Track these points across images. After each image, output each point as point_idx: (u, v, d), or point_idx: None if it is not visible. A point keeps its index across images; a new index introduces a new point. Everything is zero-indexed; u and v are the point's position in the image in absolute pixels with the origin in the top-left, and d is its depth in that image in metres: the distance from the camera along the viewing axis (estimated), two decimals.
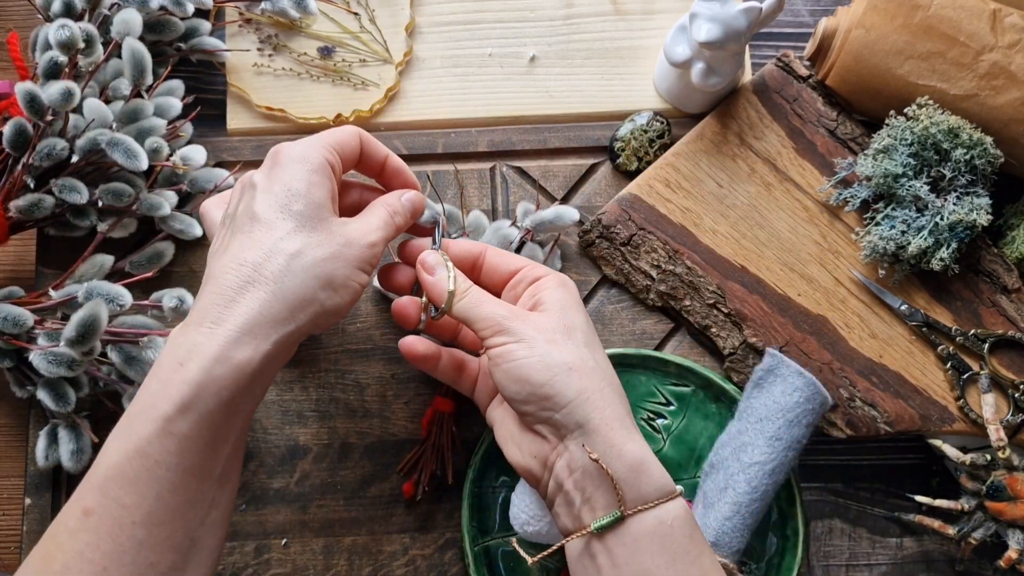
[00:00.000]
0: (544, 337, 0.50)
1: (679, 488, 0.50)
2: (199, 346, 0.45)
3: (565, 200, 0.75)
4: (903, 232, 0.69)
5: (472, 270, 0.59)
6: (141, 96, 0.71)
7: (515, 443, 0.54)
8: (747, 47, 0.77)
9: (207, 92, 0.77)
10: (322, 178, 0.50)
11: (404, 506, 0.70)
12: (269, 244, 0.47)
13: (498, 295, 0.57)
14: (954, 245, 0.68)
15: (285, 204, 0.49)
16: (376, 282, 0.65)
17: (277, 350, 0.47)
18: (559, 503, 0.52)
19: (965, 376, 0.69)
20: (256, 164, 0.75)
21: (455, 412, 0.70)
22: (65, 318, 0.65)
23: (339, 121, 0.76)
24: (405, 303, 0.59)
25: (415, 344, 0.59)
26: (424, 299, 0.58)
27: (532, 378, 0.49)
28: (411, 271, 0.60)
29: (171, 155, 0.70)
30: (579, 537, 0.50)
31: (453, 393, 0.70)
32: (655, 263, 0.72)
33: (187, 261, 0.73)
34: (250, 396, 0.47)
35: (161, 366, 0.45)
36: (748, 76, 0.77)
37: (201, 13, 0.75)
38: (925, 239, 0.68)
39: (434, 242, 0.60)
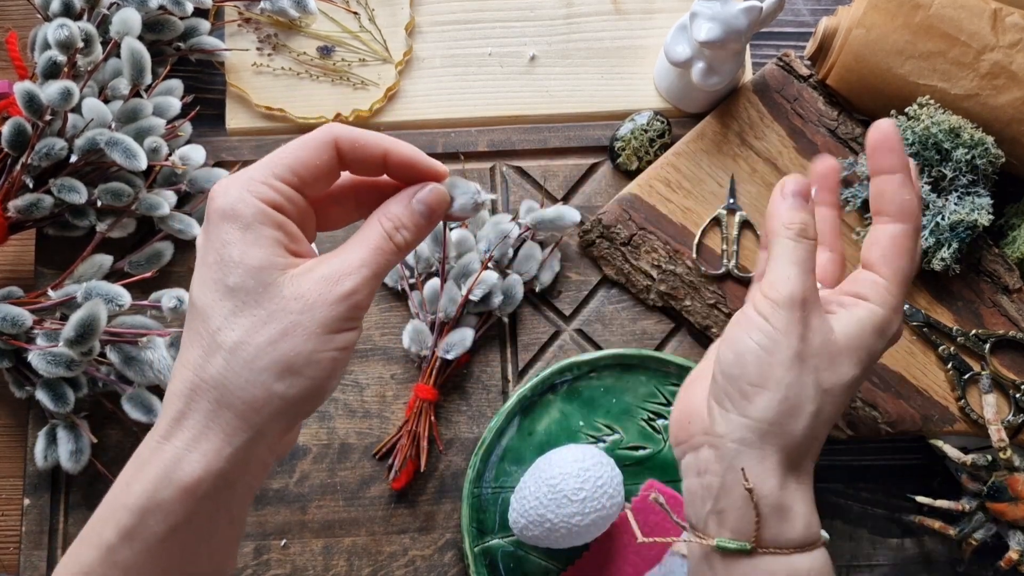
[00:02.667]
0: (798, 349, 0.44)
1: (823, 536, 0.46)
2: (145, 464, 0.39)
3: (565, 200, 0.75)
4: None
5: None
6: (140, 95, 0.71)
7: (688, 386, 0.51)
8: (747, 46, 0.77)
9: (206, 92, 0.77)
10: (260, 232, 0.39)
11: (404, 507, 0.70)
12: (207, 338, 0.39)
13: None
14: (955, 245, 0.68)
15: (219, 279, 0.39)
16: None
17: (234, 467, 0.39)
18: (688, 487, 0.48)
19: (966, 376, 0.69)
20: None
21: (437, 402, 0.70)
22: (64, 318, 0.65)
23: (338, 121, 0.76)
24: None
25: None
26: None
27: (748, 370, 0.44)
28: None
29: (170, 155, 0.70)
30: (698, 543, 0.46)
31: (438, 384, 0.70)
32: (655, 263, 0.72)
33: (186, 261, 0.73)
34: (210, 520, 0.39)
35: (117, 480, 0.40)
36: (748, 76, 0.77)
37: (200, 12, 0.75)
38: (926, 239, 0.68)
39: None
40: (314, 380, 0.39)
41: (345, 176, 0.44)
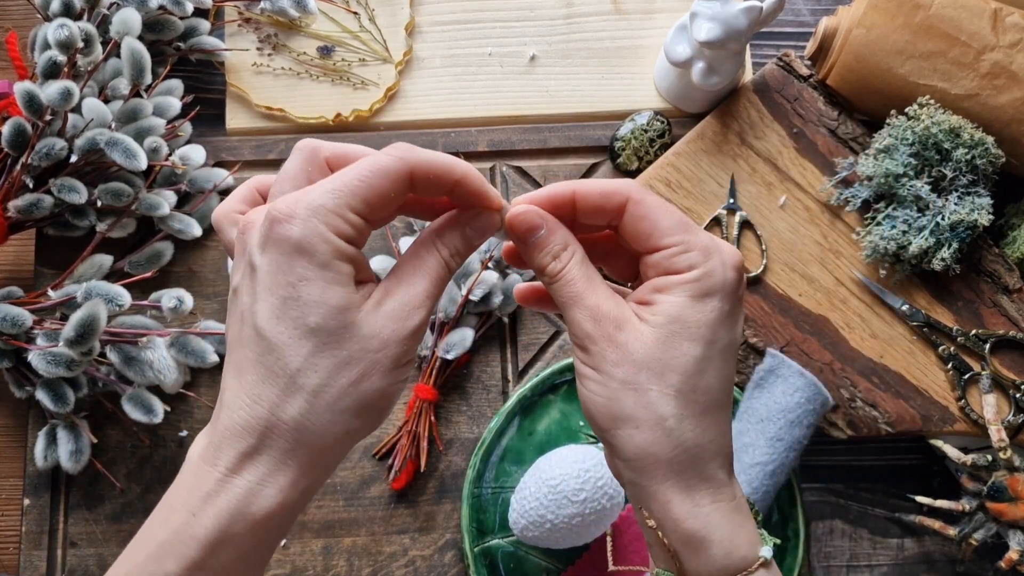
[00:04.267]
0: (623, 374, 0.40)
1: (761, 555, 0.41)
2: (214, 497, 0.38)
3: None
4: (904, 232, 0.69)
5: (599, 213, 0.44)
6: (140, 95, 0.71)
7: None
8: (748, 46, 0.77)
9: (206, 91, 0.77)
10: (338, 268, 0.38)
11: (404, 507, 0.70)
12: (284, 378, 0.38)
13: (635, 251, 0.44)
14: (955, 245, 0.68)
15: (297, 317, 0.37)
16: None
17: (304, 496, 0.40)
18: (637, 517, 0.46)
19: (966, 376, 0.69)
20: (255, 164, 0.75)
21: (437, 402, 0.70)
22: (64, 318, 0.65)
23: (338, 121, 0.76)
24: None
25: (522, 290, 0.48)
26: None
27: (595, 419, 0.41)
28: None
29: (170, 155, 0.70)
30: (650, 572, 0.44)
31: (438, 384, 0.70)
32: None
33: (186, 261, 0.73)
34: (271, 546, 0.40)
35: (173, 509, 0.39)
36: (749, 75, 0.77)
37: (200, 12, 0.75)
38: (926, 239, 0.68)
39: None
40: (383, 412, 0.40)
41: None
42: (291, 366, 0.38)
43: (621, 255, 0.45)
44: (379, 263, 0.72)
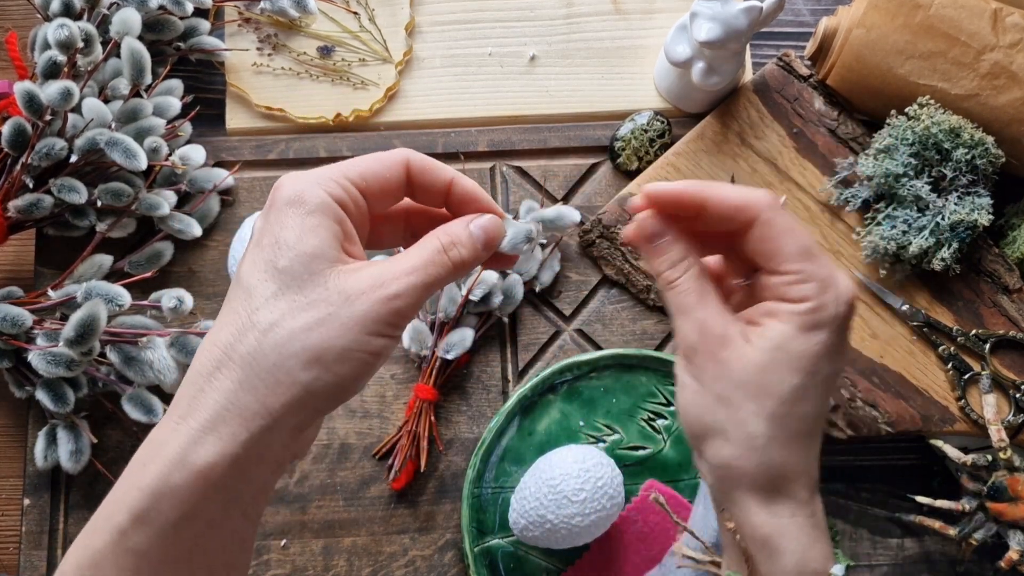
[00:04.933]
0: (719, 389, 0.42)
1: (832, 572, 0.43)
2: (162, 445, 0.37)
3: (565, 200, 0.75)
4: (904, 232, 0.69)
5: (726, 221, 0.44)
6: (140, 95, 0.71)
7: None
8: (747, 46, 0.77)
9: (206, 91, 0.77)
10: (320, 221, 0.39)
11: (404, 507, 0.70)
12: (244, 316, 0.38)
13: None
14: (955, 245, 0.68)
15: (270, 260, 0.38)
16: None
17: (249, 452, 0.37)
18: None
19: (966, 376, 0.69)
20: (255, 164, 0.75)
21: (437, 402, 0.71)
22: (64, 318, 0.65)
23: (338, 121, 0.76)
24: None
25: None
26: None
27: (688, 424, 0.44)
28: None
29: (170, 155, 0.70)
30: (711, 571, 0.47)
31: (438, 384, 0.70)
32: None
33: (186, 261, 0.73)
34: (223, 511, 0.38)
35: (132, 461, 0.39)
36: (749, 75, 0.77)
37: (200, 12, 0.75)
38: (926, 239, 0.68)
39: None
40: (339, 377, 0.38)
41: (403, 201, 0.44)
42: (252, 304, 0.38)
43: (736, 255, 0.45)
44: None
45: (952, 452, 0.67)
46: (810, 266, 0.41)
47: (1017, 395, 0.69)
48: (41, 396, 0.65)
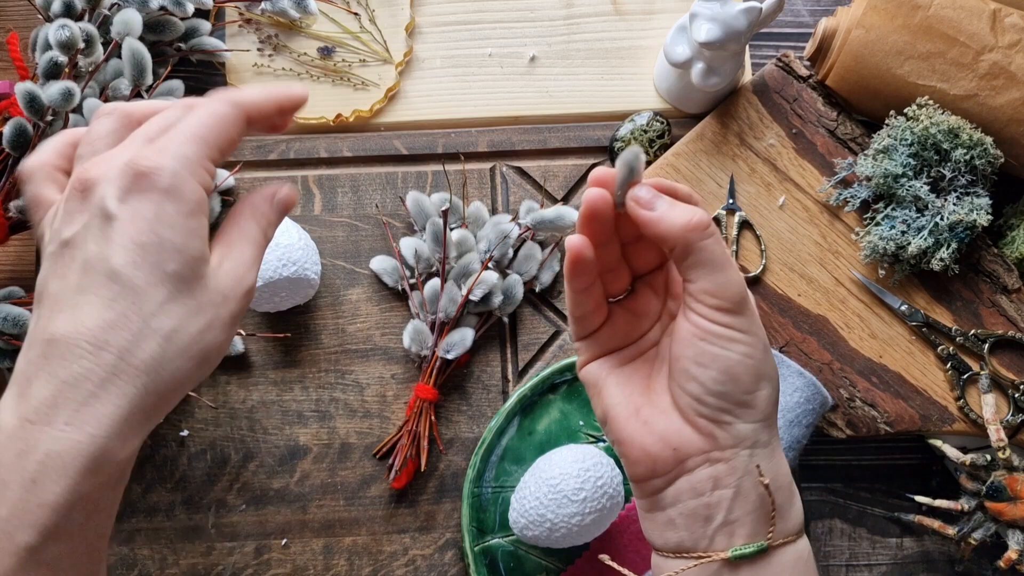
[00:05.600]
0: (763, 336, 0.43)
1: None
2: (57, 457, 0.36)
3: (565, 200, 0.75)
4: (903, 232, 0.69)
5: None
6: (141, 96, 0.71)
7: (643, 421, 0.44)
8: (747, 47, 0.77)
9: (207, 92, 0.77)
10: (199, 221, 0.39)
11: (404, 506, 0.70)
12: (138, 322, 0.38)
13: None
14: (954, 245, 0.68)
15: (156, 263, 0.38)
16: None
17: (143, 439, 0.40)
18: (682, 513, 0.43)
19: (965, 376, 0.69)
20: (255, 164, 0.75)
21: (437, 402, 0.71)
22: None
23: (339, 121, 0.76)
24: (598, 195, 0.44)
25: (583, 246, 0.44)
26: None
27: (742, 380, 0.42)
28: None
29: None
30: (709, 562, 0.42)
31: (438, 384, 0.70)
32: None
33: None
34: (118, 489, 0.40)
35: (5, 483, 0.36)
36: (748, 76, 0.77)
37: (201, 13, 0.75)
38: (925, 239, 0.68)
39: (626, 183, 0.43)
40: (213, 366, 0.42)
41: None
42: (146, 309, 0.38)
43: (644, 249, 0.47)
44: (379, 263, 0.72)
45: (951, 452, 0.68)
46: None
47: (1016, 395, 0.69)
48: None
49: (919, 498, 0.68)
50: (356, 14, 0.78)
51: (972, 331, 0.70)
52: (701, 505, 0.43)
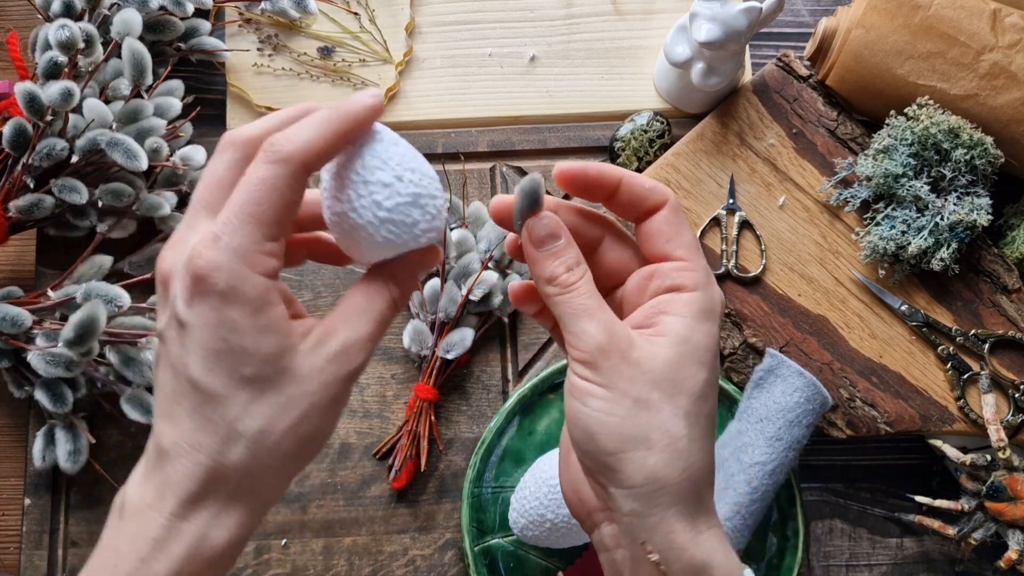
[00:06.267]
0: (637, 392, 0.39)
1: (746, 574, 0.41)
2: (164, 542, 0.38)
3: (566, 200, 0.75)
4: (903, 232, 0.69)
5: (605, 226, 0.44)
6: (141, 96, 0.71)
7: (569, 461, 0.45)
8: (747, 47, 0.77)
9: (207, 92, 0.77)
10: (270, 313, 0.37)
11: (404, 506, 0.70)
12: (224, 426, 0.37)
13: (631, 267, 0.44)
14: (954, 245, 0.68)
15: (231, 368, 0.37)
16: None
17: (250, 532, 0.40)
18: (603, 557, 0.43)
19: (965, 376, 0.69)
20: None
21: (437, 402, 0.71)
22: (64, 319, 0.65)
23: None
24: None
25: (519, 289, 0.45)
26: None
27: (600, 441, 0.39)
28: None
29: (171, 155, 0.70)
30: None
31: (438, 384, 0.70)
32: None
33: None
34: (218, 572, 0.40)
35: (120, 555, 0.38)
36: (748, 76, 0.77)
37: (201, 13, 0.75)
38: (925, 239, 0.68)
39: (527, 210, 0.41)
40: (321, 446, 0.40)
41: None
42: (229, 415, 0.37)
43: (607, 268, 0.45)
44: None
45: (951, 452, 0.67)
46: (699, 258, 0.42)
47: (1016, 395, 0.69)
48: (40, 396, 0.65)
49: (919, 498, 0.68)
50: (356, 14, 0.78)
51: (972, 331, 0.70)
52: (609, 560, 0.42)
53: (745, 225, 0.72)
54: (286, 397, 0.38)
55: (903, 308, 0.70)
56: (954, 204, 0.68)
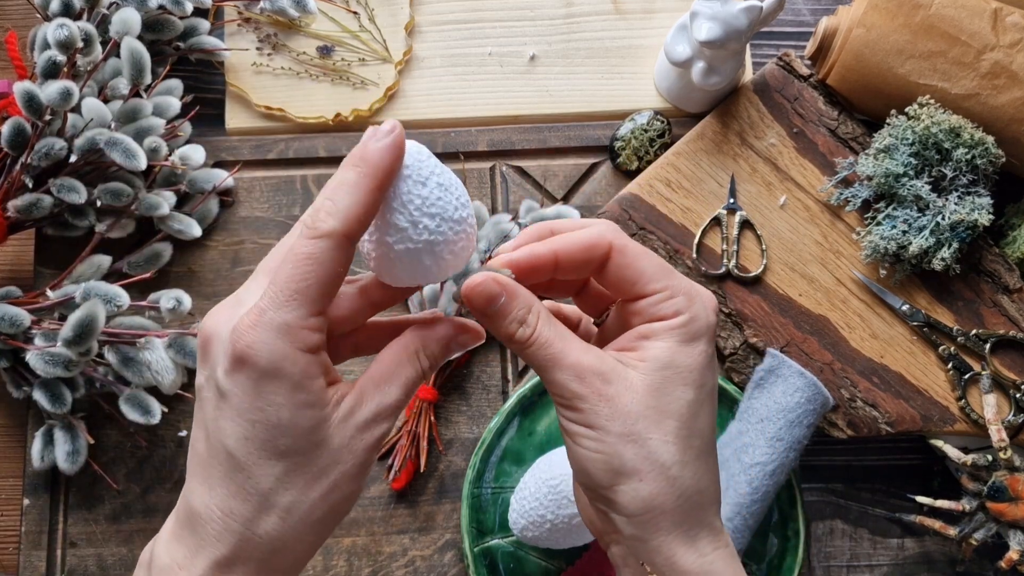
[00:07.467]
0: (620, 427, 0.39)
1: None
2: None
3: (565, 200, 0.75)
4: (904, 232, 0.69)
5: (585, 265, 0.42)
6: (140, 95, 0.71)
7: (579, 494, 0.45)
8: (748, 46, 0.77)
9: (206, 91, 0.77)
10: (310, 387, 0.37)
11: (404, 507, 0.70)
12: (256, 496, 0.38)
13: (612, 295, 0.44)
14: (955, 245, 0.68)
15: (266, 440, 0.37)
16: None
17: None
18: (617, 572, 0.44)
19: (966, 376, 0.69)
20: (255, 164, 0.75)
21: (437, 402, 0.71)
22: (62, 318, 0.65)
23: (338, 121, 0.76)
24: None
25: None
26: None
27: (593, 477, 0.40)
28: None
29: (170, 155, 0.70)
30: None
31: (438, 384, 0.69)
32: None
33: (185, 262, 0.73)
34: None
35: None
36: (749, 75, 0.77)
37: (200, 12, 0.75)
38: (926, 239, 0.68)
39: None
40: (348, 511, 0.41)
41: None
42: (262, 486, 0.38)
43: (590, 293, 0.44)
44: None
45: (952, 452, 0.67)
46: (673, 281, 0.40)
47: (1017, 395, 0.69)
48: (38, 396, 0.65)
49: (920, 499, 0.68)
50: (355, 13, 0.78)
51: (973, 331, 0.70)
52: (619, 571, 0.43)
53: (746, 225, 0.72)
54: (318, 468, 0.38)
55: (904, 308, 0.70)
56: (955, 204, 0.68)
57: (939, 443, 0.68)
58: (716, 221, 0.72)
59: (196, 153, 0.71)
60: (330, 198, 0.37)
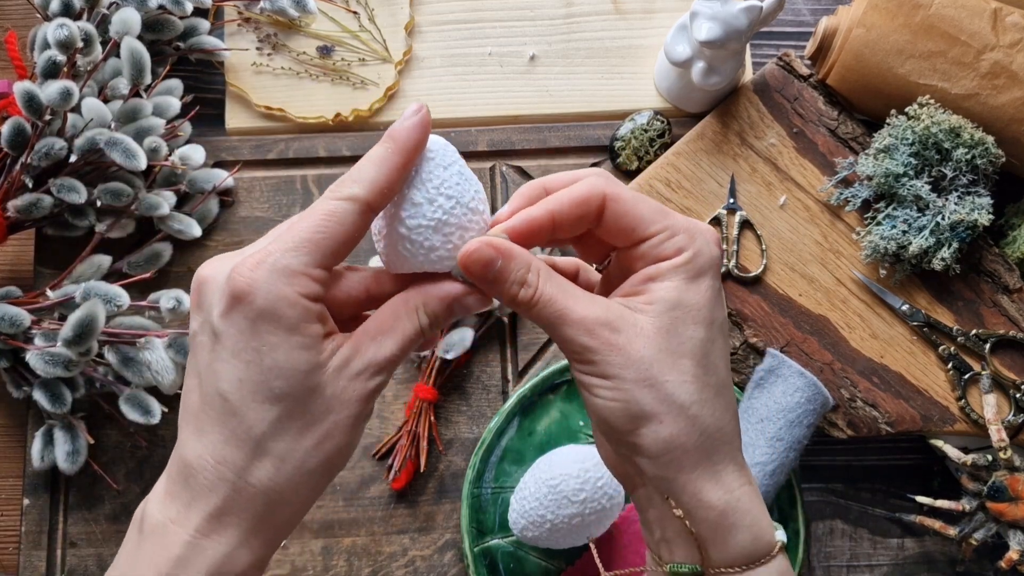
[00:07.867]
0: (634, 374, 0.39)
1: (779, 540, 0.41)
2: (185, 560, 0.38)
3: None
4: (904, 232, 0.69)
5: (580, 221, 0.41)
6: (140, 95, 0.71)
7: (601, 436, 0.45)
8: (748, 46, 0.77)
9: (206, 91, 0.77)
10: (306, 331, 0.37)
11: (404, 507, 0.70)
12: (250, 442, 0.38)
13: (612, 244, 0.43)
14: (955, 245, 0.68)
15: (261, 382, 0.37)
16: None
17: (276, 549, 0.41)
18: (640, 516, 0.44)
19: (966, 376, 0.69)
20: (255, 164, 0.75)
21: (437, 402, 0.71)
22: (62, 318, 0.65)
23: (338, 121, 0.76)
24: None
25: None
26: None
27: (613, 424, 0.40)
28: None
29: (170, 155, 0.70)
30: (657, 570, 0.43)
31: (438, 384, 0.70)
32: None
33: (185, 261, 0.73)
34: None
35: (139, 569, 0.39)
36: (749, 75, 0.77)
37: (200, 12, 0.75)
38: (926, 239, 0.68)
39: None
40: (343, 464, 0.40)
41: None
42: (256, 431, 0.37)
43: (590, 239, 0.43)
44: (378, 263, 0.72)
45: (952, 452, 0.67)
46: (670, 220, 0.40)
47: (1017, 395, 0.69)
48: (38, 396, 0.65)
49: (920, 499, 0.68)
50: (355, 13, 0.78)
51: (973, 331, 0.70)
52: (644, 519, 0.43)
53: (746, 225, 0.72)
54: (312, 415, 0.38)
55: (904, 308, 0.70)
56: (955, 204, 0.68)
57: (939, 443, 0.68)
58: (716, 221, 0.72)
59: (196, 153, 0.71)
60: (358, 168, 0.38)
